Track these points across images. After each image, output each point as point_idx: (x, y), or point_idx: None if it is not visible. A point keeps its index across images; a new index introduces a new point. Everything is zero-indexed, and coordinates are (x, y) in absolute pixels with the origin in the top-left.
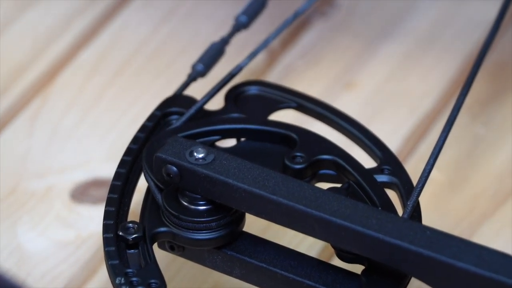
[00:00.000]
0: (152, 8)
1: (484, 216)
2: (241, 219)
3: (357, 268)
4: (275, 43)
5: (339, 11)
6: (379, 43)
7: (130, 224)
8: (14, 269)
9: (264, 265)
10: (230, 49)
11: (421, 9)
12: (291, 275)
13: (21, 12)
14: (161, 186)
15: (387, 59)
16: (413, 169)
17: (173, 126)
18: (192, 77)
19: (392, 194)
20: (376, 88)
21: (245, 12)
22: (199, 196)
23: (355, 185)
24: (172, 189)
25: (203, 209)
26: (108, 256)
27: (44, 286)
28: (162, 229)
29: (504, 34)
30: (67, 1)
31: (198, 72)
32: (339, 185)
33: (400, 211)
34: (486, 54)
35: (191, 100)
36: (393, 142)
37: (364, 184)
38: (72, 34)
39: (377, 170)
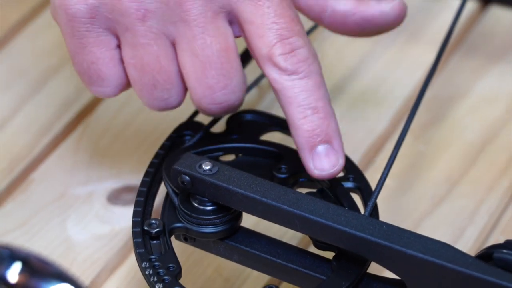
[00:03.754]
0: None
1: (425, 214)
2: (239, 217)
3: (329, 254)
4: (264, 81)
5: None
6: (343, 82)
7: (153, 221)
8: (63, 255)
9: (257, 253)
10: None
11: (376, 54)
12: (277, 260)
13: (68, 61)
14: (177, 191)
15: (349, 94)
16: (371, 177)
17: (186, 145)
18: None
19: (355, 197)
20: (341, 116)
21: None
22: (206, 199)
23: (327, 190)
24: (185, 193)
25: (210, 209)
26: (136, 245)
27: (85, 269)
28: (178, 224)
29: (440, 74)
30: None
31: None
32: (315, 190)
33: (362, 210)
34: (426, 89)
35: (200, 125)
36: (355, 157)
37: (334, 189)
38: None
39: (344, 178)
